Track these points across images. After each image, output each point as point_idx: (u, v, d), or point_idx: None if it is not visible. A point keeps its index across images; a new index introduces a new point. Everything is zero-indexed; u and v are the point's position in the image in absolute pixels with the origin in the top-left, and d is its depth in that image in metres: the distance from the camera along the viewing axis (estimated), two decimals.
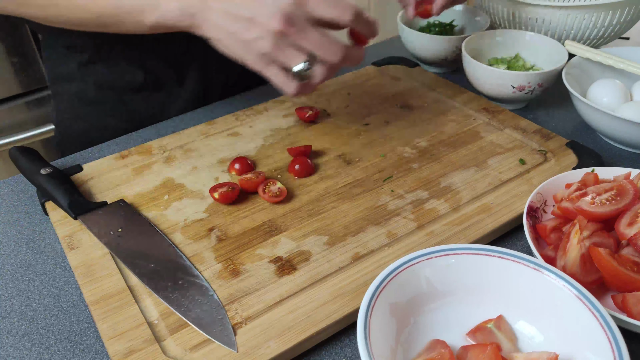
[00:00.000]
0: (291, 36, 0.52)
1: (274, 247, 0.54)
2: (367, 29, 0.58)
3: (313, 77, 0.55)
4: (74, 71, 0.80)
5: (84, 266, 0.53)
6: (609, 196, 0.51)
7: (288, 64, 0.54)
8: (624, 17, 0.82)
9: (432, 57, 0.84)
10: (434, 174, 0.63)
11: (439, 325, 0.45)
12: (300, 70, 0.54)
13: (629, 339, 0.42)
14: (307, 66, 0.54)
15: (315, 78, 0.55)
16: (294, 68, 0.54)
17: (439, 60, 0.85)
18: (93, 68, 0.79)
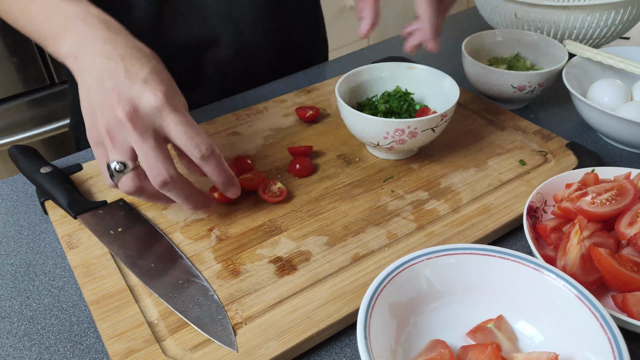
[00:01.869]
0: (127, 132, 0.48)
1: (274, 247, 0.54)
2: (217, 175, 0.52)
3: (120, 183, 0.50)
4: None
5: (83, 266, 0.53)
6: (609, 196, 0.51)
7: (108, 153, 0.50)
8: (624, 17, 0.82)
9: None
10: (434, 175, 0.63)
11: (439, 325, 0.45)
12: (113, 169, 0.49)
13: (629, 339, 0.42)
14: (119, 168, 0.49)
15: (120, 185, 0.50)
16: (110, 159, 0.49)
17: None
18: None
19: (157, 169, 0.49)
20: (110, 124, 0.48)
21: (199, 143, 0.50)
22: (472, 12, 1.10)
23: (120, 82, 0.48)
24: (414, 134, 0.60)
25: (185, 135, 0.49)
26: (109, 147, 0.49)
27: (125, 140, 0.49)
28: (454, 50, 0.95)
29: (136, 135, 0.48)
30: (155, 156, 0.48)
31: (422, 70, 0.69)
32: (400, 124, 0.58)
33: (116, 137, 0.48)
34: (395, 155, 0.66)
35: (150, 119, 0.48)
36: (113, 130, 0.48)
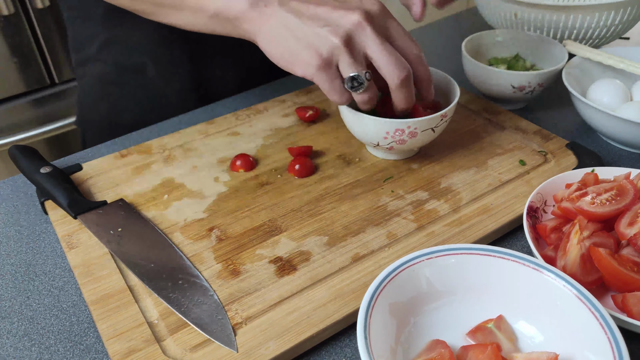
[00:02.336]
0: (367, 35, 0.50)
1: (274, 247, 0.54)
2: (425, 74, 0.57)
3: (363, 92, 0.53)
4: (97, 52, 0.82)
5: (83, 266, 0.53)
6: (609, 196, 0.51)
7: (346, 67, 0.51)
8: (624, 17, 0.82)
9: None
10: (434, 175, 0.63)
11: (439, 325, 0.45)
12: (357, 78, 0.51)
13: (629, 339, 0.42)
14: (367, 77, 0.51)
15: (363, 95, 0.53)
16: (351, 73, 0.51)
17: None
18: (113, 49, 0.81)
19: (403, 65, 0.52)
20: (350, 32, 0.50)
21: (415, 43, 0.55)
22: (472, 12, 1.10)
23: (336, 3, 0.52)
24: (414, 134, 0.60)
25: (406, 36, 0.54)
26: (346, 60, 0.51)
27: (363, 44, 0.51)
28: (454, 50, 0.95)
29: (376, 36, 0.51)
30: (397, 55, 0.52)
31: None
32: (400, 124, 0.58)
33: (356, 45, 0.51)
34: (395, 155, 0.66)
35: (380, 22, 0.52)
36: (354, 37, 0.51)
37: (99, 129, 0.87)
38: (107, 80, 0.84)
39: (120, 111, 0.86)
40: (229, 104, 0.81)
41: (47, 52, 1.44)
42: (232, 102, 0.81)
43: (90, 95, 0.87)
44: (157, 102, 0.85)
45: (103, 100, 0.86)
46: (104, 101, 0.86)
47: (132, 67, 0.82)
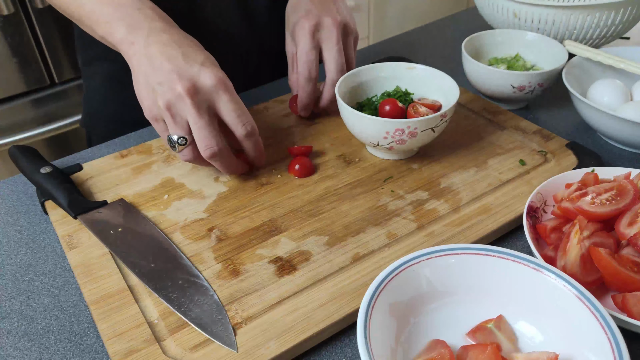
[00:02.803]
0: (186, 106, 0.54)
1: (274, 247, 0.54)
2: (253, 152, 0.61)
3: (180, 154, 0.57)
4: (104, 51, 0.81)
5: (83, 266, 0.53)
6: (609, 196, 0.51)
7: (169, 127, 0.56)
8: (624, 17, 0.82)
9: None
10: (434, 175, 0.63)
11: (439, 325, 0.45)
12: (173, 140, 0.56)
13: (629, 339, 0.42)
14: (181, 142, 0.56)
15: (180, 155, 0.58)
16: (171, 133, 0.56)
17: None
18: None
19: (209, 142, 0.55)
20: (170, 100, 0.54)
21: (245, 122, 0.57)
22: (472, 12, 1.10)
23: (179, 65, 0.54)
24: (414, 134, 0.60)
25: (234, 113, 0.56)
26: (168, 121, 0.56)
27: (183, 115, 0.55)
28: (454, 50, 0.95)
29: (194, 110, 0.54)
30: (209, 131, 0.55)
31: (422, 70, 0.69)
32: (400, 124, 0.58)
33: (175, 112, 0.55)
34: (395, 155, 0.66)
35: (207, 96, 0.55)
36: (173, 105, 0.54)
37: (105, 129, 0.87)
38: (114, 79, 0.84)
39: (127, 111, 0.86)
40: None
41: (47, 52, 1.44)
42: None
43: (97, 95, 0.88)
44: None
45: (110, 100, 0.87)
46: (111, 100, 0.87)
47: None
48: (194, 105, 0.54)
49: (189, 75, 0.54)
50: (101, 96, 0.87)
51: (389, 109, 0.64)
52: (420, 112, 0.62)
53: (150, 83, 0.55)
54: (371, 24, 2.23)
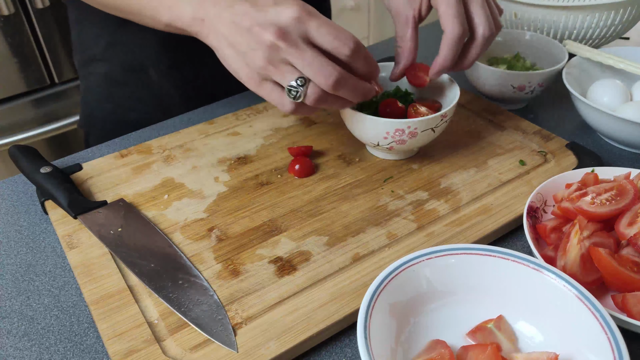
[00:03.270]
0: (283, 51, 0.50)
1: (274, 247, 0.54)
2: (366, 68, 0.55)
3: (305, 98, 0.53)
4: (101, 52, 0.82)
5: (83, 266, 0.53)
6: (609, 196, 0.51)
7: (280, 81, 0.52)
8: (624, 17, 0.82)
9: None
10: (434, 175, 0.63)
11: (439, 325, 0.45)
12: (292, 87, 0.52)
13: (629, 339, 0.42)
14: (300, 83, 0.52)
15: (308, 99, 0.53)
16: (285, 84, 0.52)
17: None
18: (118, 49, 0.81)
19: (328, 71, 0.51)
20: (266, 54, 0.51)
21: (346, 39, 0.52)
22: None
23: (254, 17, 0.51)
24: (414, 134, 0.60)
25: (330, 35, 0.51)
26: (277, 76, 0.52)
27: (285, 60, 0.51)
28: None
29: (293, 50, 0.50)
30: (319, 61, 0.51)
31: None
32: (400, 124, 0.58)
33: (278, 62, 0.51)
34: (395, 155, 0.66)
35: (296, 30, 0.50)
36: (271, 57, 0.51)
37: (103, 130, 0.87)
38: (112, 80, 0.84)
39: (125, 111, 0.86)
40: (229, 104, 0.81)
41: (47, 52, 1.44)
42: (232, 102, 0.81)
43: (95, 96, 0.88)
44: (161, 101, 0.85)
45: (107, 101, 0.87)
46: (108, 101, 0.87)
47: (137, 67, 0.82)
48: (290, 46, 0.50)
49: (269, 21, 0.50)
50: (98, 97, 0.87)
51: (389, 109, 0.64)
52: (420, 112, 0.62)
53: (239, 51, 0.52)
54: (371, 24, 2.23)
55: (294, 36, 0.51)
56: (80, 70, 0.88)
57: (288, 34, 0.50)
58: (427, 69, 0.64)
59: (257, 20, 0.51)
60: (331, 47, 0.52)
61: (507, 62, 0.80)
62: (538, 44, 0.80)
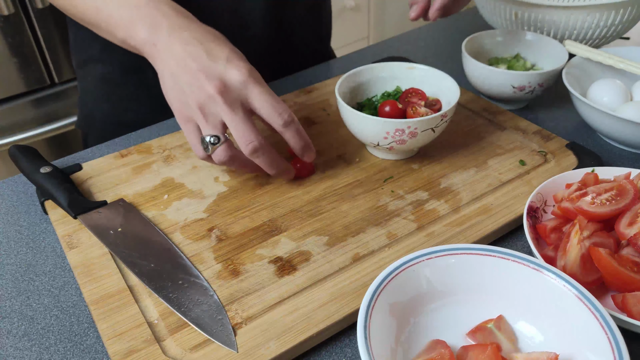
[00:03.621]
0: (218, 105, 0.53)
1: (274, 247, 0.54)
2: (297, 141, 0.57)
3: (214, 154, 0.55)
4: (99, 53, 0.82)
5: (83, 266, 0.53)
6: (609, 196, 0.51)
7: (202, 128, 0.55)
8: (624, 17, 0.82)
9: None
10: (434, 175, 0.63)
11: (439, 325, 0.45)
12: (206, 140, 0.54)
13: (629, 339, 0.42)
14: (213, 141, 0.54)
15: (214, 156, 0.56)
16: (204, 134, 0.55)
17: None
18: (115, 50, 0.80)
19: (249, 137, 0.54)
20: (201, 101, 0.53)
21: (281, 111, 0.55)
22: (472, 12, 1.10)
23: (204, 63, 0.53)
24: (414, 134, 0.60)
25: (268, 104, 0.54)
26: (201, 122, 0.54)
27: (216, 114, 0.53)
28: (454, 50, 0.95)
29: (227, 108, 0.53)
30: (245, 126, 0.53)
31: (422, 70, 0.69)
32: (400, 124, 0.58)
33: (208, 112, 0.53)
34: (395, 155, 0.66)
35: (237, 92, 0.53)
36: (205, 105, 0.53)
37: (101, 131, 0.87)
38: (109, 81, 0.84)
39: (123, 112, 0.86)
40: None
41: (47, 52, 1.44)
42: None
43: (92, 96, 0.88)
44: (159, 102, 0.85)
45: (105, 101, 0.87)
46: (105, 102, 0.87)
47: (134, 68, 0.82)
48: (226, 103, 0.53)
49: (217, 73, 0.53)
50: (96, 98, 0.87)
51: (389, 110, 0.64)
52: (420, 112, 0.62)
53: (178, 84, 0.54)
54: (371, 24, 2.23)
55: (234, 96, 0.53)
56: (78, 71, 0.88)
57: (229, 92, 0.53)
58: None
59: (205, 68, 0.53)
60: (267, 115, 0.55)
61: (507, 62, 0.80)
62: (538, 44, 0.80)
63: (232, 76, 0.53)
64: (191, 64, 0.53)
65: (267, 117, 0.55)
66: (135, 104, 0.85)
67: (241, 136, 0.54)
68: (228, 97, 0.53)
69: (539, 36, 0.80)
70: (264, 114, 0.55)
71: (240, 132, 0.54)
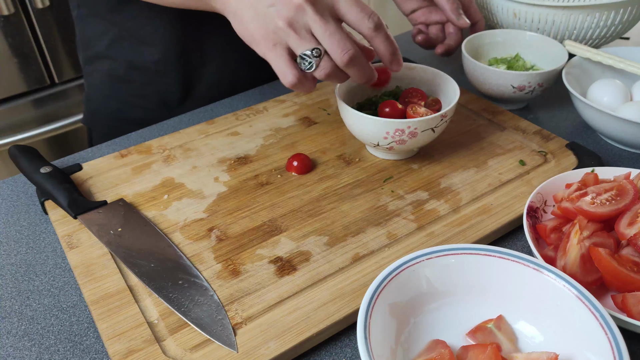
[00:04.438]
0: (309, 15, 0.51)
1: (274, 247, 0.54)
2: (385, 45, 0.55)
3: (316, 69, 0.53)
4: (105, 50, 0.83)
5: (83, 266, 0.53)
6: (609, 196, 0.51)
7: (295, 46, 0.52)
8: (624, 17, 0.82)
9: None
10: (434, 175, 0.63)
11: (439, 325, 0.45)
12: (306, 56, 0.52)
13: (629, 339, 0.42)
14: (315, 54, 0.52)
15: (319, 71, 0.53)
16: (300, 51, 0.52)
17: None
18: (122, 46, 0.81)
19: (345, 46, 0.52)
20: (290, 16, 0.51)
21: (370, 14, 0.53)
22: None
23: None
24: (414, 134, 0.60)
25: (356, 9, 0.52)
26: (293, 40, 0.52)
27: (307, 27, 0.51)
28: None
29: (318, 17, 0.51)
30: (340, 35, 0.52)
31: (422, 70, 0.69)
32: (400, 124, 0.58)
33: (298, 26, 0.51)
34: (395, 155, 0.66)
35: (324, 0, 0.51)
36: (294, 20, 0.51)
37: (107, 127, 0.88)
38: (115, 77, 0.85)
39: (129, 108, 0.86)
40: (229, 104, 0.81)
41: (47, 52, 1.44)
42: (232, 102, 0.81)
43: (99, 93, 0.88)
44: (165, 99, 0.85)
45: (111, 98, 0.87)
46: (112, 99, 0.87)
47: (141, 64, 0.82)
48: (317, 12, 0.51)
49: None
50: (102, 94, 0.88)
51: (389, 110, 0.64)
52: (419, 112, 0.62)
53: (260, 11, 0.52)
54: None
55: (322, 5, 0.51)
56: (84, 67, 0.88)
57: (317, 1, 0.51)
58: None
59: None
60: (355, 19, 0.53)
61: (507, 62, 0.80)
62: (538, 44, 0.80)
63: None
64: None
65: (356, 21, 0.53)
66: (141, 100, 0.86)
67: (336, 45, 0.52)
68: (318, 6, 0.51)
69: (539, 36, 0.80)
70: (352, 19, 0.53)
71: (335, 40, 0.51)
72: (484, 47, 0.81)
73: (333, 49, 0.52)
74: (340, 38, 0.52)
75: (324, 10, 0.52)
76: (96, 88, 0.88)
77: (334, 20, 0.52)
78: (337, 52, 0.52)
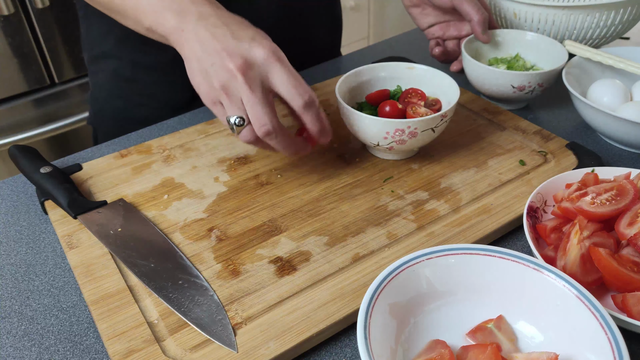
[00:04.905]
0: (238, 83, 0.52)
1: (274, 247, 0.54)
2: (315, 125, 0.57)
3: (239, 135, 0.55)
4: (111, 49, 0.83)
5: (83, 266, 0.53)
6: (609, 196, 0.51)
7: (227, 109, 0.54)
8: (624, 17, 0.82)
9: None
10: (434, 175, 0.63)
11: (439, 325, 0.45)
12: (233, 123, 0.54)
13: (629, 339, 0.42)
14: (238, 123, 0.54)
15: (241, 137, 0.55)
16: (228, 116, 0.54)
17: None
18: (127, 45, 0.81)
19: (262, 120, 0.53)
20: (224, 79, 0.52)
21: (302, 92, 0.54)
22: None
23: (229, 43, 0.53)
24: (414, 134, 0.60)
25: (289, 84, 0.54)
26: (225, 103, 0.54)
27: (237, 93, 0.53)
28: None
29: (246, 87, 0.52)
30: (261, 108, 0.53)
31: (422, 70, 0.69)
32: (400, 124, 0.58)
33: (231, 92, 0.53)
34: (395, 155, 0.66)
35: (259, 70, 0.53)
36: (227, 85, 0.53)
37: (112, 126, 0.88)
38: (121, 77, 0.85)
39: (134, 108, 0.87)
40: None
41: (47, 52, 1.44)
42: None
43: (104, 92, 0.88)
44: (170, 98, 0.85)
45: (117, 97, 0.87)
46: (117, 98, 0.87)
47: (147, 64, 0.83)
48: (246, 81, 0.52)
49: (240, 51, 0.52)
50: (107, 94, 0.88)
51: (389, 110, 0.64)
52: (419, 112, 0.62)
53: (203, 67, 0.54)
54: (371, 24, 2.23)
55: (254, 74, 0.53)
56: (90, 66, 0.88)
57: (250, 70, 0.52)
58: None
59: (229, 46, 0.52)
60: (286, 95, 0.54)
61: (507, 62, 0.80)
62: (538, 44, 0.80)
63: (255, 54, 0.52)
64: (216, 45, 0.53)
65: (288, 96, 0.54)
66: (146, 100, 0.86)
67: (255, 118, 0.53)
68: (248, 75, 0.52)
69: (539, 36, 0.80)
70: (284, 93, 0.54)
71: (255, 113, 0.53)
72: (484, 47, 0.81)
73: (253, 120, 0.53)
74: (259, 111, 0.53)
75: (256, 79, 0.53)
76: (101, 87, 0.88)
77: (263, 91, 0.53)
78: (256, 124, 0.53)
